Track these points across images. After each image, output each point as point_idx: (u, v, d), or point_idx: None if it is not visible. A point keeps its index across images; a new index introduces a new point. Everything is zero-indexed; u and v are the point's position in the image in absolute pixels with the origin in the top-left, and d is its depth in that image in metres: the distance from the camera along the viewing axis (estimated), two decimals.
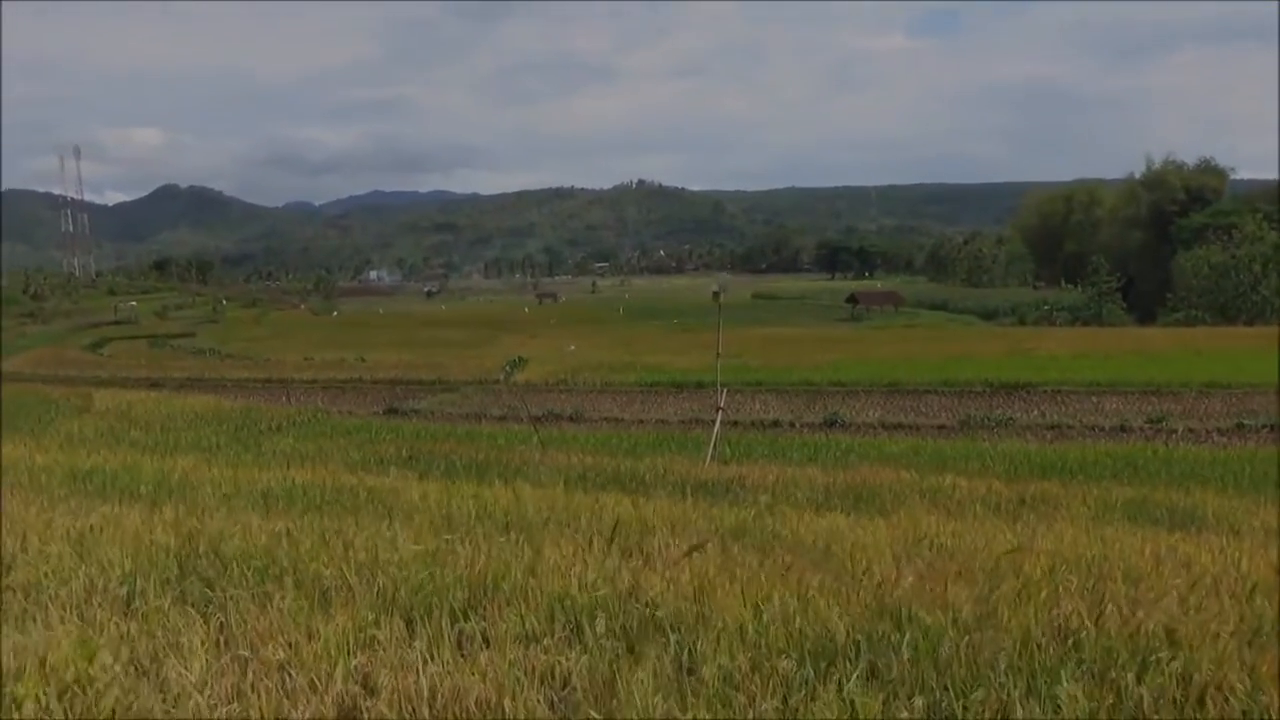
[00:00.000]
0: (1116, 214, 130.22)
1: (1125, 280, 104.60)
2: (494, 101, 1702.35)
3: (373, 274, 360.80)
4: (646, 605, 4.47)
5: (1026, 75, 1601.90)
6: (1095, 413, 29.94)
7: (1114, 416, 28.91)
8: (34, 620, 4.43)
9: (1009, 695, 3.62)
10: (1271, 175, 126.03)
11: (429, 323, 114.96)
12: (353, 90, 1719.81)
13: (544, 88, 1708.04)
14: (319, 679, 3.74)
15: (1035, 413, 30.25)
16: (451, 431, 26.77)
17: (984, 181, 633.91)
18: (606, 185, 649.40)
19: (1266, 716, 3.56)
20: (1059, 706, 3.57)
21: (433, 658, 3.93)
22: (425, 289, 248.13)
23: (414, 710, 3.56)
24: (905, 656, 3.90)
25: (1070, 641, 4.11)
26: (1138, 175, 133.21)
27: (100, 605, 4.64)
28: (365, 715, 3.53)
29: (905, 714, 3.51)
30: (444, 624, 4.29)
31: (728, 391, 22.92)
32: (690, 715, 3.50)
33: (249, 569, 5.26)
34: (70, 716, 3.50)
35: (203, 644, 4.09)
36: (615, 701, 3.60)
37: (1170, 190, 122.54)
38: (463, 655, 4.03)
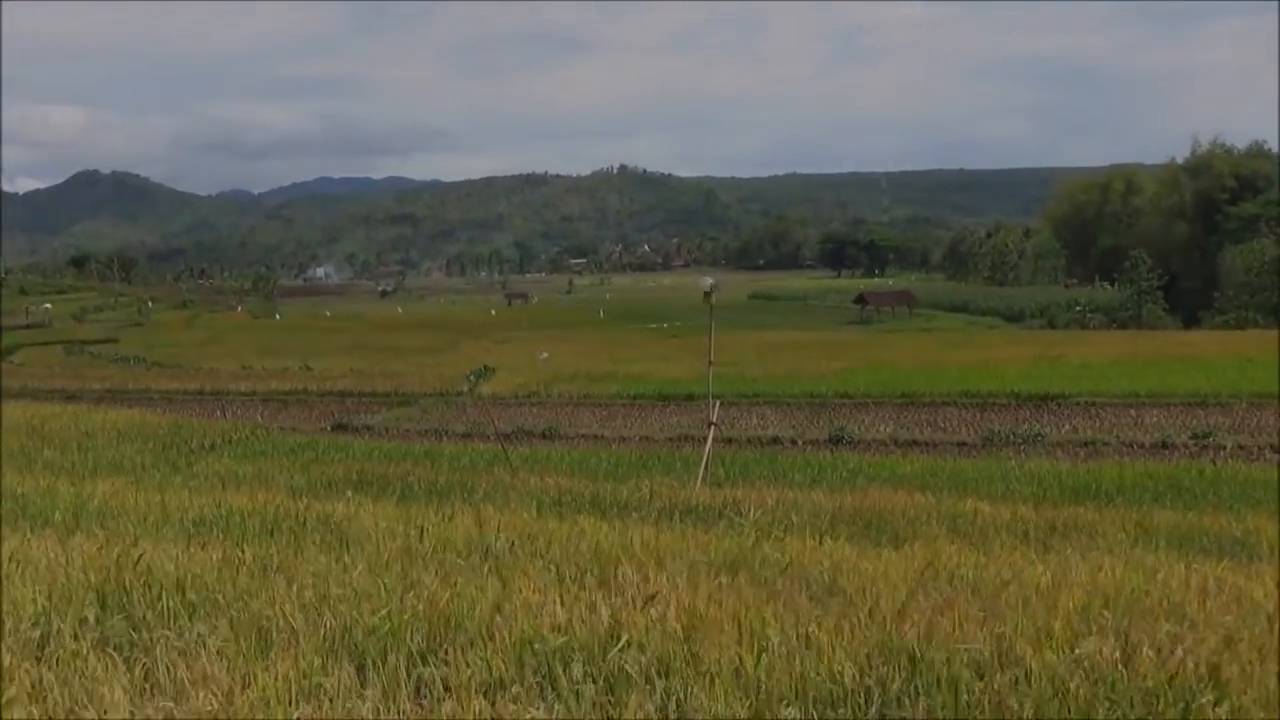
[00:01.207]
0: (1157, 203, 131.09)
1: (1167, 278, 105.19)
2: (458, 76, 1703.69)
3: (319, 271, 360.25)
4: (629, 647, 4.47)
5: (1056, 48, 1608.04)
6: (1134, 427, 30.02)
7: (1155, 431, 29.00)
8: None
9: None
10: None
11: (383, 327, 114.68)
12: (297, 63, 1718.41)
13: (515, 61, 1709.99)
14: None
15: (1067, 428, 30.32)
16: (408, 450, 26.68)
17: (1009, 167, 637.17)
18: (585, 171, 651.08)
19: None
20: None
21: (387, 708, 3.92)
22: (379, 288, 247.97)
23: None
24: (921, 704, 3.91)
25: (1105, 684, 4.13)
26: (1181, 160, 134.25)
27: (9, 650, 4.61)
28: None
29: None
30: (400, 669, 4.28)
31: (721, 404, 22.92)
32: None
33: (178, 607, 5.24)
34: None
35: (125, 693, 4.07)
36: None
37: (1218, 176, 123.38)
38: (420, 705, 4.02)
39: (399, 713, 3.90)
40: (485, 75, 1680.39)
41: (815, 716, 3.82)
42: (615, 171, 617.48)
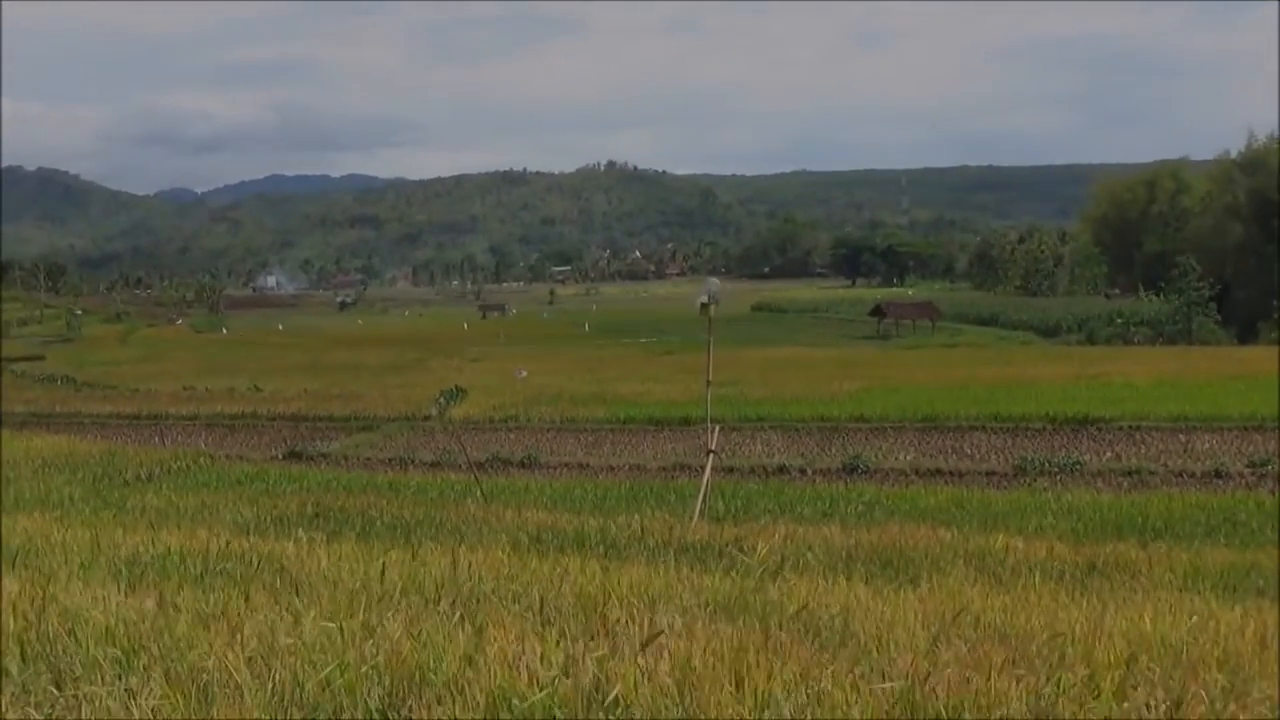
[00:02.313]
0: (1209, 203, 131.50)
1: (1220, 286, 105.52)
2: (427, 61, 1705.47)
3: (270, 280, 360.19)
4: (616, 705, 4.46)
5: (1095, 29, 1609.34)
6: (1184, 455, 30.08)
7: (1207, 459, 29.05)
8: None
9: None
10: None
11: (342, 342, 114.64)
12: (246, 47, 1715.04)
13: (491, 44, 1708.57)
14: None
15: (1108, 455, 30.37)
16: (370, 481, 26.66)
17: (1043, 163, 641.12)
18: (568, 168, 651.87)
19: None
20: None
21: None
22: (337, 299, 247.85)
23: None
24: None
25: None
26: (1235, 154, 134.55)
27: None
28: None
29: None
30: None
31: (721, 429, 22.92)
32: None
33: (108, 658, 5.21)
34: None
35: None
36: None
37: (1276, 173, 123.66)
38: None
39: None
40: (458, 60, 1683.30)
41: None
42: (602, 168, 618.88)
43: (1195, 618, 7.13)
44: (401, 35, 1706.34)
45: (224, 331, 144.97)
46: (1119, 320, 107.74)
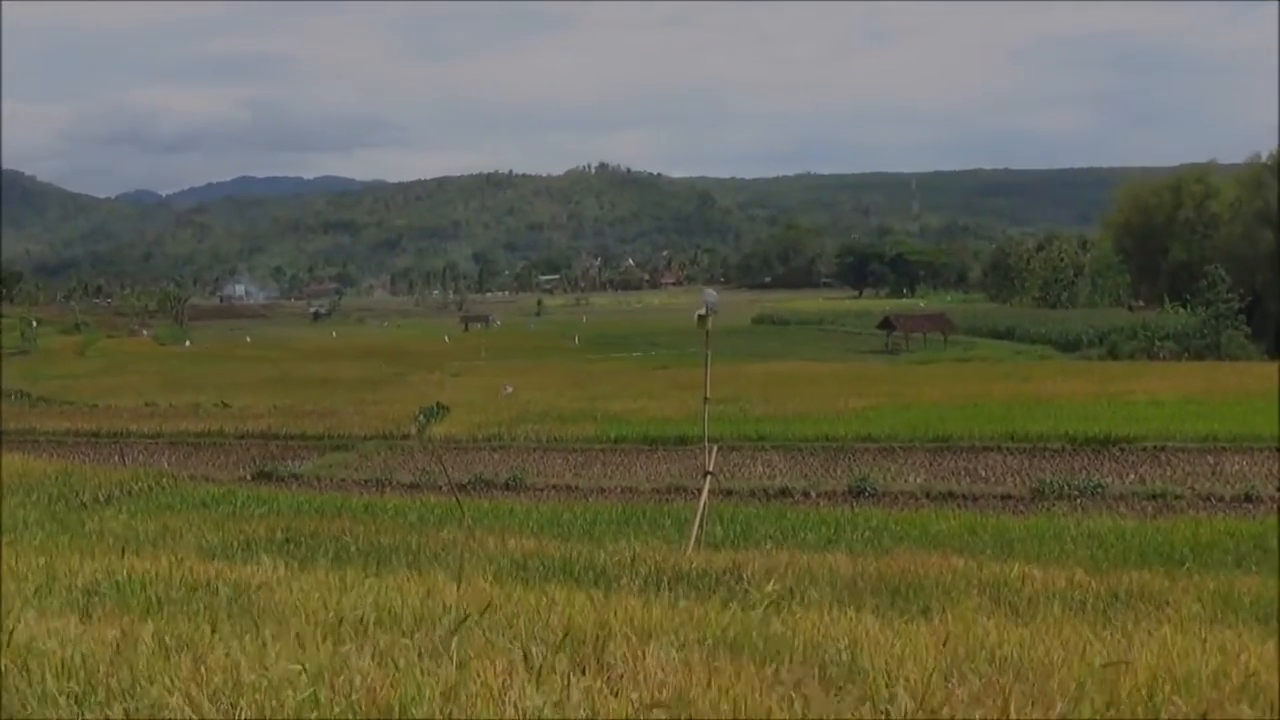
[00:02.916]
0: (1239, 209, 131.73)
1: (1251, 298, 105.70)
2: (407, 57, 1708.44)
3: (239, 289, 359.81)
4: None
5: (1118, 25, 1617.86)
6: (1212, 477, 30.09)
7: (1237, 482, 29.05)
8: None
9: None
10: None
11: (315, 355, 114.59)
12: (217, 41, 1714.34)
13: (475, 39, 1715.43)
14: None
15: (1132, 477, 30.40)
16: (344, 504, 26.61)
17: (1062, 166, 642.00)
18: (557, 170, 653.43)
19: None
20: None
21: None
22: (310, 309, 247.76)
23: None
24: None
25: None
26: (1266, 157, 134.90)
27: None
28: None
29: None
30: None
31: (719, 449, 22.92)
32: None
33: (65, 693, 5.20)
34: None
35: None
36: None
37: None
38: None
39: None
40: (441, 56, 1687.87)
41: None
42: (593, 171, 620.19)
43: (1224, 651, 7.12)
44: (381, 29, 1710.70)
45: (189, 344, 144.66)
46: (1143, 334, 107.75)
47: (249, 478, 34.61)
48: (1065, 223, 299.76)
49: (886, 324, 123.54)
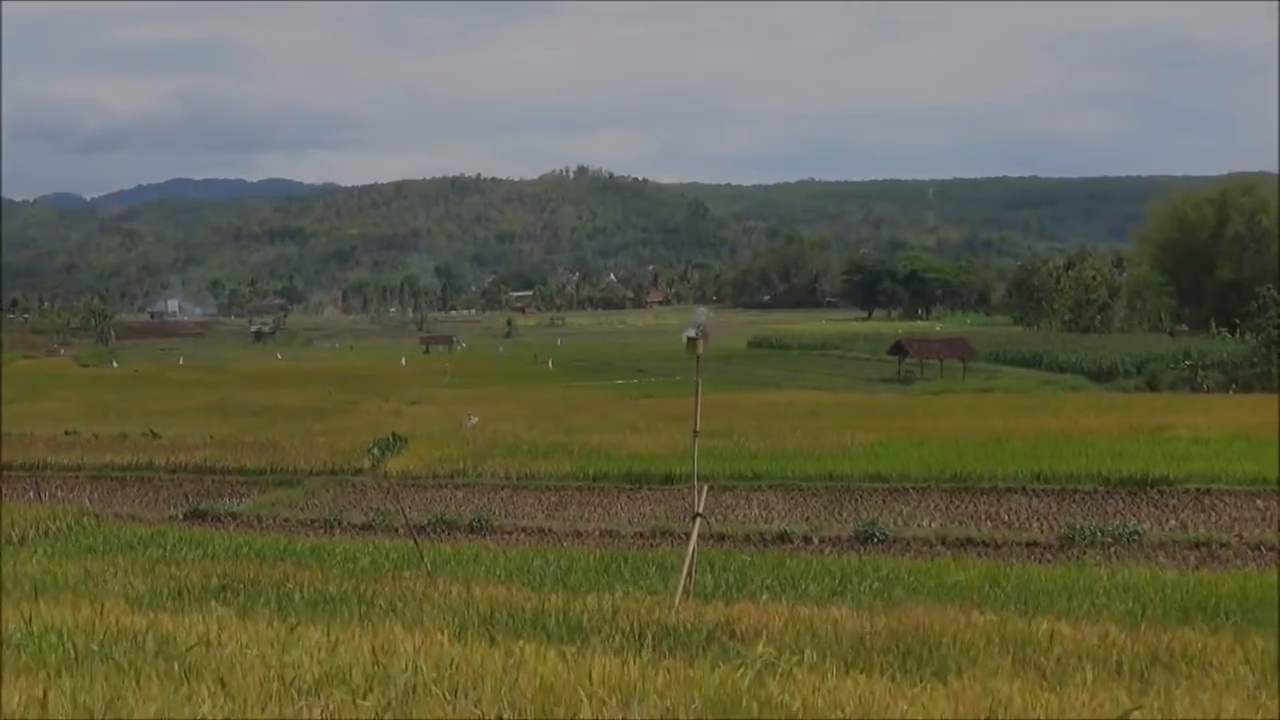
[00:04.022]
0: None
1: None
2: (365, 48, 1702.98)
3: (172, 304, 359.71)
4: None
5: (1159, 20, 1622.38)
6: (1261, 523, 30.14)
7: None
8: None
9: None
10: None
11: (257, 380, 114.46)
12: (147, 25, 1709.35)
13: (441, 28, 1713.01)
14: None
15: (1173, 523, 30.44)
16: (289, 547, 26.56)
17: (1095, 175, 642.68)
18: (531, 174, 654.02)
19: None
20: None
21: None
22: (252, 328, 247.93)
23: None
24: None
25: None
26: None
27: None
28: None
29: None
30: None
31: (710, 489, 22.94)
32: None
33: None
34: None
35: None
36: None
37: None
38: None
39: None
40: (402, 46, 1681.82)
41: None
42: (571, 175, 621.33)
43: (1273, 716, 7.13)
44: (335, 15, 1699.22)
45: (115, 365, 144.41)
46: (1186, 362, 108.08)
47: (181, 517, 34.54)
48: (1099, 238, 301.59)
49: (899, 349, 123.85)
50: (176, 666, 8.35)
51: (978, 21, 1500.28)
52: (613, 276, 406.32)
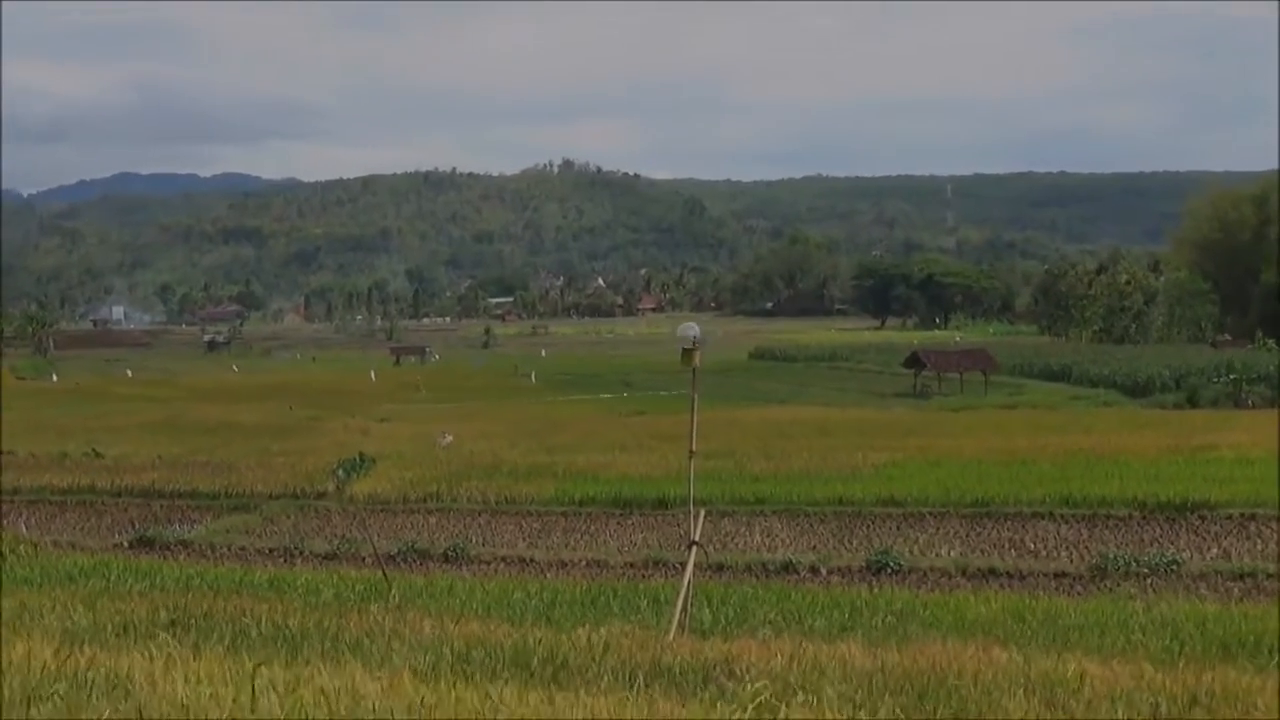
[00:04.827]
0: None
1: None
2: (330, 30, 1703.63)
3: (116, 311, 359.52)
4: None
5: (1198, 4, 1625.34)
6: None
7: None
8: None
9: None
10: None
11: (211, 394, 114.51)
12: (93, 5, 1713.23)
13: (413, 9, 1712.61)
14: None
15: (1214, 551, 30.47)
16: (245, 579, 26.52)
17: (1130, 170, 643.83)
18: (511, 169, 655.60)
19: None
20: None
21: None
22: (205, 337, 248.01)
23: None
24: None
25: None
26: None
27: None
28: None
29: None
30: None
31: (708, 515, 22.96)
32: None
33: None
34: None
35: None
36: None
37: None
38: None
39: None
40: (370, 29, 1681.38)
41: None
42: (556, 170, 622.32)
43: None
44: None
45: (54, 378, 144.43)
46: (1229, 375, 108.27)
47: (127, 545, 34.48)
48: (1133, 239, 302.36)
49: (914, 361, 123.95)
50: (120, 707, 8.34)
51: (1003, 4, 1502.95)
52: (601, 281, 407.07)
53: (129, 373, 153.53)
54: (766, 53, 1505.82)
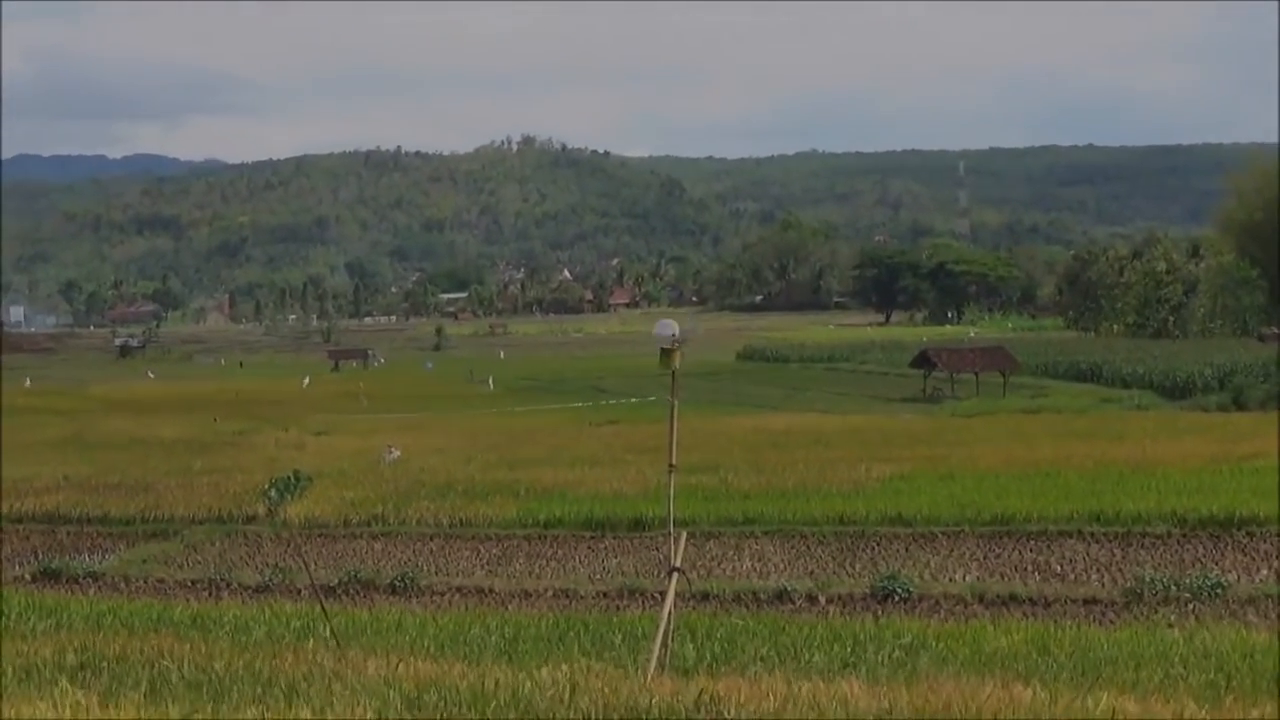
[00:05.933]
0: None
1: None
2: None
3: (15, 312, 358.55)
4: None
5: None
6: None
7: None
8: None
9: None
10: None
11: (124, 406, 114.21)
12: None
13: None
14: None
15: (1264, 573, 30.57)
16: (164, 615, 26.49)
17: (1166, 144, 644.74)
18: (465, 147, 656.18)
19: None
20: None
21: None
22: (117, 341, 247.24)
23: None
24: None
25: None
26: None
27: None
28: None
29: None
30: None
31: (691, 537, 23.02)
32: None
33: None
34: None
35: None
36: None
37: None
38: None
39: None
40: None
41: None
42: (515, 148, 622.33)
43: None
44: None
45: None
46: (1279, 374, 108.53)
47: (28, 578, 34.41)
48: (1171, 220, 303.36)
49: (924, 361, 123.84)
50: None
51: None
52: (567, 273, 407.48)
53: (28, 382, 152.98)
54: (753, 14, 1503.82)
